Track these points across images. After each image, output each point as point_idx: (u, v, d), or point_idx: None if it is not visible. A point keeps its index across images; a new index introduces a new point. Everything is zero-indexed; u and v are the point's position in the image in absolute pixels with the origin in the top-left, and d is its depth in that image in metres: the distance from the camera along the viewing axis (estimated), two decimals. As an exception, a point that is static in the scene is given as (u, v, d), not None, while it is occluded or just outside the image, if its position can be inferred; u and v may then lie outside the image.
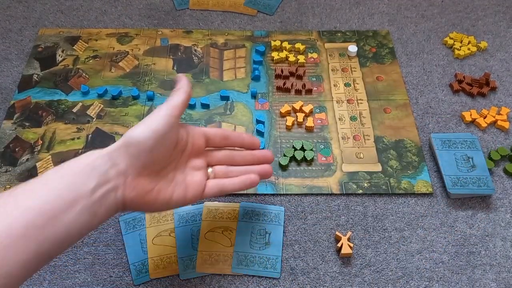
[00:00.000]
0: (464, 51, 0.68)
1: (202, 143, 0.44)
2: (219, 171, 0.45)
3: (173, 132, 0.40)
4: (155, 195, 0.39)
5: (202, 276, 0.49)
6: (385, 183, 0.55)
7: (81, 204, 0.33)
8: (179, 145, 0.42)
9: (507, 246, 0.51)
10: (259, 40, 0.71)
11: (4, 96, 0.64)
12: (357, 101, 0.63)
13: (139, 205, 0.38)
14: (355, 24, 0.73)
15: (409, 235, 0.52)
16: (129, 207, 0.38)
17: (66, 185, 0.33)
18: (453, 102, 0.64)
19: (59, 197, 0.32)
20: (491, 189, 0.53)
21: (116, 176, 0.36)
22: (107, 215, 0.36)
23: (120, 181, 0.36)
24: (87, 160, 0.35)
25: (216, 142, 0.45)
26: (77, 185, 0.34)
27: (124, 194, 0.36)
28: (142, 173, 0.38)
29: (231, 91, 0.64)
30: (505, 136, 0.60)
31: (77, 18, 0.74)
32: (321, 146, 0.59)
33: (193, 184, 0.42)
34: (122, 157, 0.36)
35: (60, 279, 0.49)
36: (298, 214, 0.53)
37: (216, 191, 0.44)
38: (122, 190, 0.36)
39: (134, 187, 0.37)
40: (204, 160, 0.45)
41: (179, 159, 0.42)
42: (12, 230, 0.30)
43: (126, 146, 0.37)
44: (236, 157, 0.46)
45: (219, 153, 0.46)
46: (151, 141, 0.37)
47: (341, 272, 0.49)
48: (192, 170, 0.43)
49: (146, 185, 0.38)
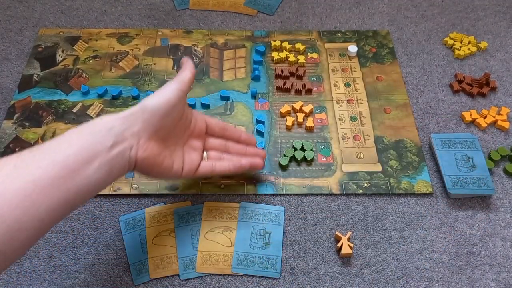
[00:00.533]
0: (464, 51, 0.68)
1: (204, 128, 0.50)
2: (212, 156, 0.50)
3: (181, 105, 0.45)
4: (161, 160, 0.44)
5: (202, 276, 0.49)
6: (385, 183, 0.55)
7: (100, 160, 0.37)
8: (183, 122, 0.47)
9: (507, 246, 0.51)
10: (259, 40, 0.71)
11: (4, 96, 0.64)
12: (357, 101, 0.63)
13: (147, 167, 0.43)
14: (355, 24, 0.73)
15: (409, 235, 0.52)
16: (138, 167, 0.42)
17: (86, 142, 0.37)
18: (453, 102, 0.64)
19: (80, 153, 0.36)
20: (491, 189, 0.53)
21: (131, 136, 0.40)
22: (120, 173, 0.40)
23: (134, 141, 0.40)
24: (104, 121, 0.39)
25: (215, 131, 0.51)
26: (96, 143, 0.38)
27: (136, 154, 0.41)
28: (153, 137, 0.42)
29: (231, 91, 0.64)
30: (505, 136, 0.60)
31: (77, 18, 0.74)
32: (321, 146, 0.59)
33: (189, 161, 0.47)
34: (137, 121, 0.41)
35: (60, 279, 0.49)
36: (298, 214, 0.53)
37: (208, 170, 0.49)
38: (136, 150, 0.40)
39: (145, 149, 0.41)
40: (201, 143, 0.50)
41: (181, 136, 0.47)
42: (42, 181, 0.34)
43: (142, 112, 0.41)
44: (230, 148, 0.52)
45: (215, 140, 0.51)
46: (163, 109, 0.42)
47: (341, 272, 0.49)
48: (190, 149, 0.48)
49: (155, 149, 0.43)
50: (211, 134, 0.51)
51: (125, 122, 0.40)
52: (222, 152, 0.51)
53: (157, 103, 0.42)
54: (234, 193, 0.55)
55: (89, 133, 0.38)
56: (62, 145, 0.37)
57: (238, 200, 0.54)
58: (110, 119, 0.40)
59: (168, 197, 0.54)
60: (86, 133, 0.38)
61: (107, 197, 0.54)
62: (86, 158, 0.37)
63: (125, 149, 0.39)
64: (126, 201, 0.54)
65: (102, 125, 0.39)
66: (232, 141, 0.52)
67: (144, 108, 0.41)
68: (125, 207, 0.54)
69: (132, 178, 0.56)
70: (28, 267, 0.49)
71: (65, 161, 0.36)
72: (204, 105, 0.63)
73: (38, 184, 0.34)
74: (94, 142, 0.38)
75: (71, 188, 0.36)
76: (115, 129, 0.39)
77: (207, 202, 0.54)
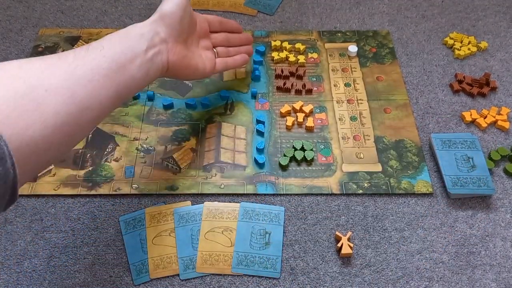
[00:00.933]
0: (464, 51, 0.68)
1: (207, 26, 0.56)
2: (221, 51, 0.58)
3: (189, 7, 0.50)
4: (188, 61, 0.50)
5: (202, 276, 0.49)
6: (385, 183, 0.55)
7: (139, 60, 0.43)
8: (193, 24, 0.52)
9: (507, 246, 0.51)
10: (259, 40, 0.71)
11: (4, 96, 0.64)
12: (357, 101, 0.63)
13: (179, 69, 0.49)
14: (355, 24, 0.73)
15: (409, 235, 0.52)
16: (170, 70, 0.48)
17: (126, 44, 0.43)
18: (453, 102, 0.64)
19: (122, 53, 0.42)
20: (491, 189, 0.53)
21: (160, 42, 0.46)
22: (156, 75, 0.46)
23: (163, 46, 0.46)
24: (135, 29, 0.45)
25: (216, 26, 0.57)
26: (133, 46, 0.43)
27: (168, 57, 0.47)
28: (178, 40, 0.48)
29: (231, 91, 0.64)
30: (505, 136, 0.60)
31: (78, 18, 0.74)
32: (321, 146, 0.59)
33: (207, 59, 0.54)
34: (161, 27, 0.46)
35: (60, 279, 0.49)
36: (298, 214, 0.53)
37: (223, 66, 0.57)
38: (166, 54, 0.46)
39: (174, 52, 0.47)
40: (209, 41, 0.56)
41: (195, 38, 0.53)
42: (100, 70, 0.39)
43: (162, 18, 0.47)
44: (231, 39, 0.59)
45: (218, 36, 0.58)
46: (179, 12, 0.47)
47: (341, 272, 0.49)
48: (203, 48, 0.55)
49: (181, 51, 0.49)
50: (213, 31, 0.57)
51: (152, 29, 0.45)
52: (226, 46, 0.58)
53: (173, 8, 0.47)
54: (234, 193, 0.55)
55: (125, 38, 0.43)
56: (106, 44, 0.41)
57: (238, 200, 0.54)
58: (139, 27, 0.45)
59: (168, 197, 0.54)
60: (123, 37, 0.43)
61: (107, 197, 0.54)
62: (129, 57, 0.42)
63: (157, 53, 0.45)
64: (126, 201, 0.54)
65: (135, 32, 0.44)
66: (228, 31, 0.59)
67: (163, 14, 0.47)
68: (125, 207, 0.54)
69: (132, 178, 0.56)
70: (28, 267, 0.49)
71: (112, 56, 0.41)
72: (204, 105, 0.63)
73: (96, 73, 0.39)
74: (132, 45, 0.43)
75: (121, 81, 0.41)
76: (146, 36, 0.44)
77: (207, 202, 0.54)
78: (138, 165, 0.57)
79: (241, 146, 0.59)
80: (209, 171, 0.56)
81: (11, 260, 0.50)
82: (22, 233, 0.52)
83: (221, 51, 0.57)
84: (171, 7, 0.47)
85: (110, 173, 0.56)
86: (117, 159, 0.57)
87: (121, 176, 0.56)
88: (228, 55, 0.58)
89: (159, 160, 0.57)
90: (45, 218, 0.53)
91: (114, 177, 0.56)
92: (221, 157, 0.58)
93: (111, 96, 0.40)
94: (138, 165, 0.57)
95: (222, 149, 0.58)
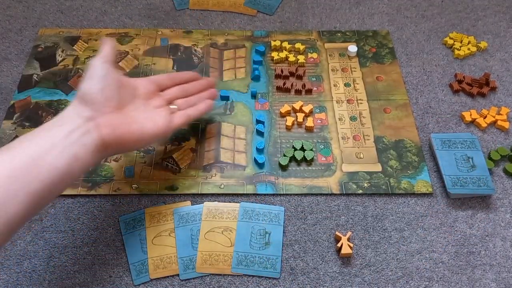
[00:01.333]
0: (464, 51, 0.68)
1: (152, 88, 0.51)
2: (180, 103, 0.54)
3: (113, 74, 0.46)
4: (127, 127, 0.45)
5: (202, 276, 0.49)
6: (385, 183, 0.55)
7: (59, 147, 0.39)
8: (128, 89, 0.48)
9: (507, 246, 0.51)
10: (259, 40, 0.71)
11: (4, 96, 0.64)
12: (357, 101, 0.63)
13: (119, 138, 0.44)
14: (355, 24, 0.73)
15: (409, 235, 0.52)
16: (110, 146, 0.44)
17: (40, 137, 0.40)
18: (453, 102, 0.64)
19: (37, 144, 0.39)
20: (491, 189, 0.53)
21: (84, 122, 0.42)
22: (92, 158, 0.42)
23: (90, 124, 0.42)
24: (54, 119, 0.42)
25: (166, 83, 0.54)
26: (51, 135, 0.40)
27: (100, 133, 0.42)
28: (106, 111, 0.44)
29: (231, 91, 0.64)
30: (505, 136, 0.60)
31: (77, 18, 0.74)
32: (321, 146, 0.59)
33: (159, 117, 0.49)
34: (83, 108, 0.43)
35: (60, 279, 0.49)
36: (298, 214, 0.53)
37: (185, 118, 0.52)
38: (97, 130, 0.42)
39: (105, 124, 0.43)
40: (161, 100, 0.52)
41: (135, 102, 0.48)
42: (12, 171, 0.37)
43: (82, 98, 0.44)
44: (189, 89, 0.56)
45: (172, 90, 0.54)
46: (97, 85, 0.44)
47: (341, 272, 0.49)
48: (154, 108, 0.50)
49: (115, 119, 0.44)
50: (166, 88, 0.54)
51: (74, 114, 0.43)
52: (184, 97, 0.55)
53: (89, 83, 0.44)
54: (234, 193, 0.55)
55: (41, 130, 0.41)
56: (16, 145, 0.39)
57: (238, 200, 0.54)
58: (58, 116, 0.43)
59: (168, 197, 0.54)
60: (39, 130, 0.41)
61: (107, 197, 0.54)
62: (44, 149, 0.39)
63: (83, 133, 0.41)
64: (126, 201, 0.54)
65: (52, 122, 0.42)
66: (184, 83, 0.56)
67: (82, 93, 0.44)
68: (125, 207, 0.54)
69: (132, 178, 0.56)
70: (28, 267, 0.49)
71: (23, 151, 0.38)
72: (204, 105, 0.63)
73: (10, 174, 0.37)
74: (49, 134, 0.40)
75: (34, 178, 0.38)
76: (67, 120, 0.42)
77: (207, 202, 0.54)
78: (138, 165, 0.57)
79: (241, 146, 0.59)
80: (209, 171, 0.56)
81: (11, 260, 0.50)
82: (21, 233, 0.52)
83: (180, 103, 0.54)
84: (88, 84, 0.45)
85: (110, 173, 0.56)
86: (117, 159, 0.57)
87: (121, 176, 0.56)
88: (188, 105, 0.54)
89: (159, 160, 0.57)
90: (45, 218, 0.53)
91: (114, 177, 0.56)
92: (221, 157, 0.58)
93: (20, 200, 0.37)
94: (138, 165, 0.57)
95: (222, 149, 0.58)
